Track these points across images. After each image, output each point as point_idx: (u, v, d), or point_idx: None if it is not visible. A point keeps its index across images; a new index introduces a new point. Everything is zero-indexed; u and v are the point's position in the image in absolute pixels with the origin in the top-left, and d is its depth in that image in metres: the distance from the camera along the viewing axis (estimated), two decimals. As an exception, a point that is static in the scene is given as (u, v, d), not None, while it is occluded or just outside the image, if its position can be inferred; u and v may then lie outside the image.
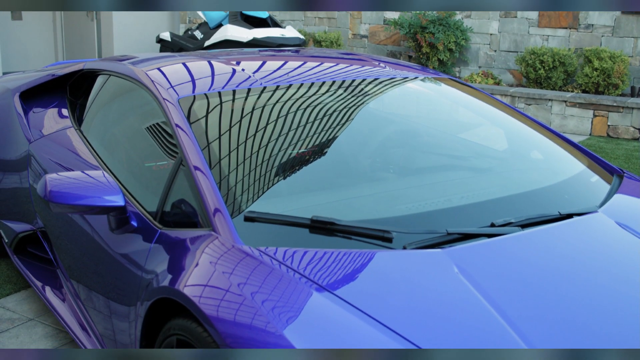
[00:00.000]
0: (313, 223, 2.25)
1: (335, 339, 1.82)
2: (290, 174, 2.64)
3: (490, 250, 2.21)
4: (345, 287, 2.01)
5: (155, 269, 2.33)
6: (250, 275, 2.06)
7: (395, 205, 2.51)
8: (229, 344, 1.88)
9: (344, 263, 2.12)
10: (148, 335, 2.37)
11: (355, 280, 2.06)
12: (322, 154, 2.80)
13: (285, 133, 2.79)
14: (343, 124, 2.95)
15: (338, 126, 2.93)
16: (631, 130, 8.20)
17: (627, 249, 2.35)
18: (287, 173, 2.64)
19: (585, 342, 1.87)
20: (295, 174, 2.66)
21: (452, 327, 1.89)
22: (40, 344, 3.33)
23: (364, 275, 2.09)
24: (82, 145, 3.29)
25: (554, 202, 2.59)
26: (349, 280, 2.05)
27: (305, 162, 2.72)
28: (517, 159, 3.16)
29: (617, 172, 2.99)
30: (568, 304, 2.02)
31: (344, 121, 2.96)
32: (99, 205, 2.45)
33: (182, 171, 2.52)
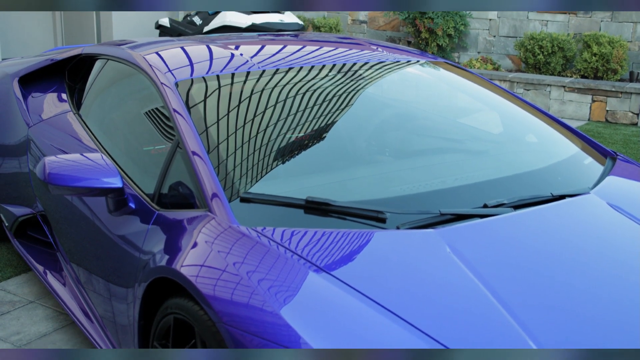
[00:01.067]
0: (308, 204, 2.28)
1: (330, 318, 1.86)
2: (286, 157, 2.67)
3: (482, 230, 2.24)
4: (339, 266, 2.05)
5: (153, 249, 2.37)
6: (246, 255, 2.09)
7: (390, 186, 2.54)
8: (225, 322, 1.92)
9: (338, 243, 2.16)
10: (146, 315, 2.41)
11: (349, 260, 2.09)
12: (319, 137, 2.83)
13: (281, 116, 2.82)
14: (340, 108, 2.97)
15: (335, 110, 2.95)
16: (629, 115, 8.22)
17: (618, 229, 2.39)
18: (284, 156, 2.67)
19: (575, 322, 1.91)
20: (292, 157, 2.69)
21: (444, 304, 1.92)
22: (41, 325, 3.37)
23: (358, 255, 2.12)
24: (81, 129, 3.32)
25: (546, 184, 2.62)
26: (343, 260, 2.09)
27: (302, 146, 2.75)
28: (511, 142, 3.19)
29: (611, 155, 3.02)
30: (558, 284, 2.05)
31: (341, 105, 2.99)
32: (97, 187, 2.49)
33: (179, 154, 2.55)
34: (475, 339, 1.81)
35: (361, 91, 3.12)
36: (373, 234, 2.19)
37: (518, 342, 1.81)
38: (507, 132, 3.27)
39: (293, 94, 2.91)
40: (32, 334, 3.30)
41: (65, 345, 3.19)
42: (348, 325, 1.84)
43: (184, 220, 2.36)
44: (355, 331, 1.82)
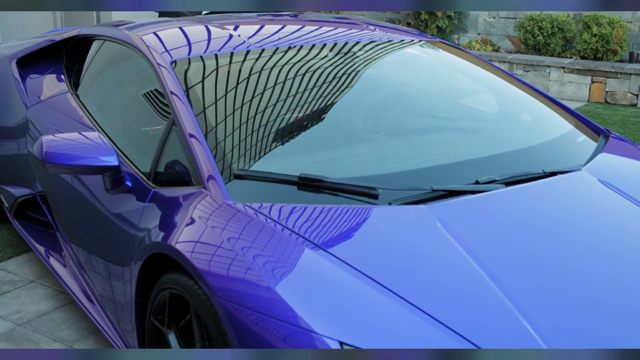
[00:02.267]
0: (301, 180, 2.31)
1: (324, 293, 1.88)
2: (281, 136, 2.69)
3: (473, 206, 2.27)
4: (332, 241, 2.07)
5: (149, 226, 2.40)
6: (242, 232, 2.12)
7: (383, 164, 2.56)
8: (219, 296, 1.95)
9: (331, 219, 2.18)
10: (143, 291, 2.44)
11: (343, 236, 2.12)
12: (315, 116, 2.85)
13: (277, 96, 2.84)
14: (336, 87, 2.99)
15: (331, 89, 2.97)
16: (629, 96, 8.22)
17: (608, 205, 2.41)
18: (279, 135, 2.69)
19: (563, 298, 1.93)
20: (287, 136, 2.71)
21: (434, 279, 1.95)
22: (41, 304, 3.41)
23: (351, 231, 2.15)
24: (79, 110, 3.35)
25: (539, 161, 2.64)
26: (336, 236, 2.11)
27: (298, 125, 2.77)
28: (506, 121, 3.20)
29: (604, 133, 3.04)
30: (543, 258, 2.08)
31: (337, 84, 3.01)
32: (93, 165, 2.52)
33: (175, 132, 2.58)
34: (462, 311, 1.84)
35: (357, 71, 3.13)
36: (365, 210, 2.22)
37: (506, 314, 1.84)
38: (502, 111, 3.29)
39: (289, 74, 2.93)
40: (33, 312, 3.35)
41: (65, 324, 3.23)
42: (342, 300, 1.86)
43: (180, 197, 2.39)
44: (349, 306, 1.85)
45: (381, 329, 1.78)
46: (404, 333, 1.77)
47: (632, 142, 3.02)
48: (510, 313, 1.85)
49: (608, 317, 1.88)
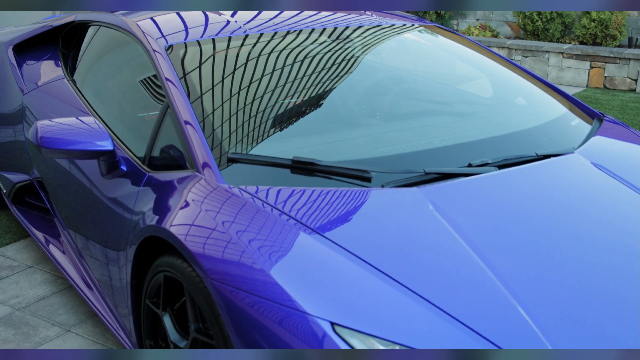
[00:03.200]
0: (294, 163, 2.32)
1: (318, 276, 1.90)
2: (276, 120, 2.70)
3: (465, 188, 2.28)
4: (326, 224, 2.08)
5: (143, 209, 2.41)
6: (236, 215, 2.13)
7: (376, 147, 2.57)
8: (212, 278, 1.96)
9: (324, 201, 2.20)
10: (138, 275, 2.46)
11: (334, 218, 2.13)
12: (310, 101, 2.86)
13: (272, 80, 2.84)
14: (332, 72, 3.00)
15: (326, 74, 2.98)
16: (628, 81, 8.21)
17: (601, 188, 2.42)
18: (273, 119, 2.70)
19: (552, 277, 1.95)
20: (281, 121, 2.72)
21: (425, 261, 1.96)
22: (39, 289, 3.44)
23: (343, 214, 2.16)
24: (74, 96, 3.35)
25: (532, 144, 2.65)
26: (328, 218, 2.12)
27: (292, 109, 2.78)
28: (500, 105, 3.21)
29: (598, 116, 3.04)
30: (535, 239, 2.09)
31: (333, 69, 3.01)
32: (88, 150, 2.53)
33: (169, 117, 2.58)
34: (453, 293, 1.86)
35: (354, 56, 3.14)
36: (358, 193, 2.23)
37: (497, 295, 1.85)
38: (497, 95, 3.30)
39: (285, 59, 2.94)
40: (31, 297, 3.37)
41: (63, 308, 3.26)
42: (334, 282, 1.88)
43: (174, 181, 2.40)
44: (340, 287, 1.86)
45: (373, 309, 1.80)
46: (395, 314, 1.79)
47: (625, 125, 3.03)
48: (500, 294, 1.86)
49: (599, 300, 1.89)
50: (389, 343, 1.71)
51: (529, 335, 1.76)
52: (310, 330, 1.75)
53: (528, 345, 1.73)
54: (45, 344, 2.96)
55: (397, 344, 1.71)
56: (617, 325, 1.82)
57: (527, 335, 1.76)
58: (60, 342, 2.97)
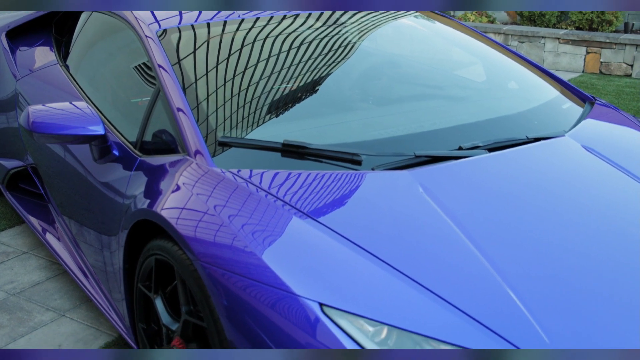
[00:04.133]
0: (284, 147, 2.33)
1: (304, 256, 1.91)
2: (268, 105, 2.70)
3: (455, 171, 2.29)
4: (313, 207, 2.09)
5: (135, 193, 2.42)
6: (227, 199, 2.14)
7: (368, 131, 2.58)
8: (203, 261, 1.97)
9: (314, 184, 2.20)
10: (131, 259, 2.47)
11: (324, 201, 2.13)
12: (303, 85, 2.86)
13: (265, 65, 2.84)
14: (326, 57, 3.00)
15: (321, 59, 2.98)
16: (624, 66, 8.20)
17: (589, 170, 2.43)
18: (265, 104, 2.70)
19: (541, 257, 1.96)
20: (274, 105, 2.72)
21: (414, 243, 1.97)
22: (34, 275, 3.45)
23: (333, 197, 2.17)
24: (67, 82, 3.35)
25: (523, 127, 2.66)
26: (318, 201, 2.13)
27: (285, 94, 2.78)
28: (493, 89, 3.21)
29: (589, 100, 3.05)
30: (524, 220, 2.10)
31: (328, 54, 3.01)
32: (79, 134, 2.54)
33: (161, 100, 2.59)
34: (441, 273, 1.87)
35: (349, 41, 3.14)
36: (348, 176, 2.24)
37: (485, 276, 1.87)
38: (490, 80, 3.30)
39: (281, 44, 2.94)
40: (26, 282, 3.38)
41: (58, 293, 3.27)
42: (323, 263, 1.88)
43: (166, 164, 2.41)
44: (330, 269, 1.87)
45: (361, 291, 1.81)
46: (384, 295, 1.80)
47: (616, 109, 3.03)
48: (489, 275, 1.87)
49: (588, 280, 1.90)
50: (376, 323, 1.72)
51: (518, 316, 1.77)
52: (299, 311, 1.76)
53: (514, 324, 1.74)
54: (39, 329, 2.98)
55: (385, 325, 1.72)
56: (607, 306, 1.83)
57: (515, 316, 1.77)
58: (54, 327, 2.99)
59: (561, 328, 1.75)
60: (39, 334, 2.94)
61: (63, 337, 2.91)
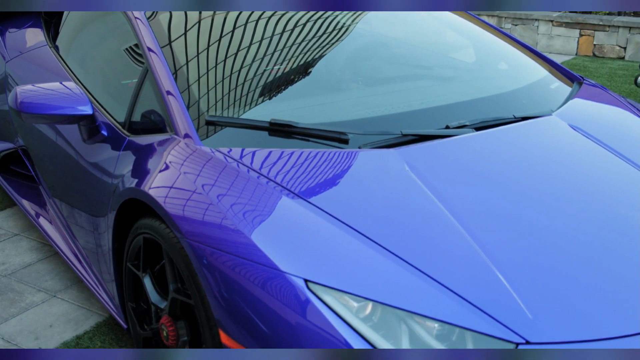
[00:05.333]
0: (272, 126, 2.33)
1: (289, 233, 1.92)
2: (256, 86, 2.70)
3: (441, 149, 2.30)
4: (300, 185, 2.09)
5: (123, 172, 2.43)
6: (216, 178, 2.14)
7: (356, 110, 2.58)
8: (189, 239, 1.98)
9: (301, 163, 2.21)
10: (120, 239, 2.48)
11: (311, 179, 2.14)
12: (293, 67, 2.85)
13: (254, 46, 2.84)
14: (314, 38, 2.99)
15: (309, 40, 2.97)
16: (617, 49, 8.20)
17: (575, 149, 2.44)
18: (254, 84, 2.70)
19: (525, 234, 1.97)
20: (262, 86, 2.72)
21: (398, 220, 1.98)
22: (25, 256, 3.46)
23: (319, 175, 2.17)
24: (57, 63, 3.35)
25: (511, 107, 2.67)
26: (304, 179, 2.13)
27: (275, 76, 2.78)
28: (482, 69, 3.22)
29: (578, 79, 3.06)
30: (509, 197, 2.11)
31: (316, 35, 3.01)
32: (67, 114, 2.54)
33: (149, 80, 2.58)
34: (425, 249, 1.88)
35: (339, 22, 3.13)
36: (334, 154, 2.25)
37: (468, 250, 1.88)
38: (479, 60, 3.30)
39: (274, 25, 2.93)
40: (17, 264, 3.39)
41: (49, 274, 3.28)
42: (308, 240, 1.89)
43: (154, 144, 2.41)
44: (315, 246, 1.87)
45: (347, 267, 1.82)
46: (369, 271, 1.81)
47: (604, 88, 3.04)
48: (473, 252, 1.88)
49: (571, 258, 1.92)
50: (361, 299, 1.74)
51: (502, 292, 1.78)
52: (284, 287, 1.77)
53: (498, 301, 1.76)
54: (30, 309, 2.99)
55: (370, 300, 1.74)
56: (592, 282, 1.85)
57: (499, 293, 1.78)
58: (46, 308, 3.00)
59: (544, 304, 1.76)
60: (30, 314, 2.96)
61: (54, 318, 2.93)
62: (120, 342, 2.74)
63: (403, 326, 1.71)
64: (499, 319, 1.72)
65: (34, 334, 2.82)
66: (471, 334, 1.70)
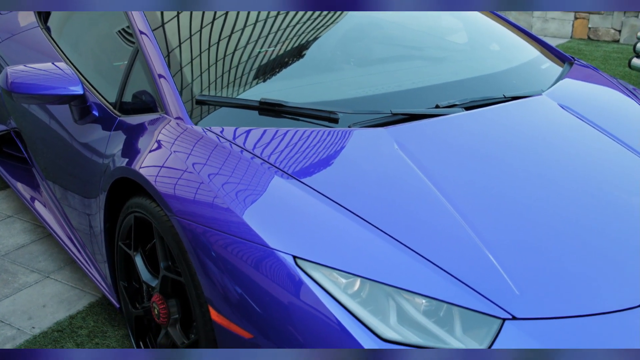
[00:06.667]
0: (262, 105, 2.34)
1: (278, 210, 1.92)
2: (247, 67, 2.70)
3: (431, 128, 2.31)
4: (289, 163, 2.09)
5: (114, 152, 2.43)
6: (208, 157, 2.15)
7: (347, 90, 2.58)
8: (179, 217, 1.99)
9: (290, 142, 2.21)
10: (112, 218, 2.49)
11: (300, 158, 2.14)
12: (284, 50, 2.85)
13: (245, 28, 2.84)
14: (307, 20, 2.99)
15: (301, 22, 2.97)
16: (612, 32, 8.20)
17: (565, 128, 2.45)
18: (244, 65, 2.70)
19: (515, 211, 1.99)
20: (252, 67, 2.72)
21: (387, 197, 1.99)
22: (19, 238, 3.47)
23: (309, 154, 2.17)
24: (48, 44, 3.34)
25: (501, 87, 2.67)
26: (293, 157, 2.13)
27: (266, 58, 2.78)
28: (473, 50, 3.22)
29: (569, 60, 3.06)
30: (497, 175, 2.13)
31: (308, 17, 3.00)
32: (57, 94, 2.54)
33: (140, 62, 2.58)
34: (412, 225, 1.89)
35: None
36: (324, 133, 2.25)
37: (455, 227, 1.89)
38: (472, 41, 3.30)
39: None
40: (10, 245, 3.40)
41: (42, 255, 3.29)
42: (297, 217, 1.89)
43: (145, 123, 2.42)
44: (304, 223, 1.88)
45: (335, 244, 1.82)
46: (358, 248, 1.81)
47: (595, 69, 3.05)
48: (461, 228, 1.89)
49: (557, 234, 1.93)
50: (349, 275, 1.75)
51: (489, 269, 1.80)
52: (273, 264, 1.79)
53: (485, 277, 1.77)
54: (24, 290, 3.00)
55: (358, 276, 1.75)
56: (577, 258, 1.86)
57: (486, 269, 1.80)
58: (39, 288, 3.02)
59: (531, 280, 1.78)
60: (23, 294, 2.97)
61: (47, 298, 2.94)
62: (113, 321, 2.76)
63: (391, 302, 1.72)
64: (486, 295, 1.74)
65: (27, 313, 2.83)
66: (458, 309, 1.71)
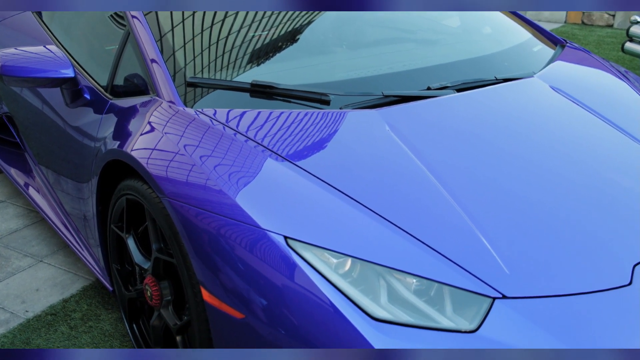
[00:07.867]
0: (253, 87, 2.34)
1: (269, 191, 1.93)
2: (239, 50, 2.69)
3: (422, 110, 2.31)
4: (280, 144, 2.09)
5: (105, 135, 2.43)
6: (201, 139, 2.15)
7: (338, 72, 2.58)
8: (171, 199, 2.00)
9: (282, 123, 2.21)
10: (104, 201, 2.50)
11: (291, 139, 2.14)
12: (277, 34, 2.84)
13: (237, 11, 2.83)
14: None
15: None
16: (606, 17, 8.20)
17: (556, 109, 2.46)
18: (236, 48, 2.69)
19: (504, 190, 2.00)
20: (245, 50, 2.71)
21: (378, 178, 1.99)
22: (12, 223, 3.47)
23: (299, 135, 2.17)
24: (40, 29, 3.33)
25: (493, 69, 2.67)
26: (284, 139, 2.13)
27: (259, 42, 2.77)
28: (466, 33, 3.22)
29: (561, 42, 3.06)
30: (487, 156, 2.13)
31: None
32: (49, 77, 2.54)
33: (131, 44, 2.58)
34: (403, 205, 1.90)
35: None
36: (315, 114, 2.25)
37: (446, 207, 1.90)
38: (464, 24, 3.30)
39: None
40: (3, 230, 3.40)
41: (35, 240, 3.30)
42: (288, 198, 1.90)
43: (136, 105, 2.42)
44: (295, 204, 1.89)
45: (326, 224, 1.83)
46: (349, 228, 1.82)
47: (587, 51, 3.05)
48: (452, 209, 1.90)
49: (548, 216, 1.94)
50: (340, 255, 1.76)
51: (479, 248, 1.81)
52: (265, 244, 1.79)
53: (476, 257, 1.78)
54: (17, 274, 3.01)
55: (349, 256, 1.76)
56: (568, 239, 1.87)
57: (477, 248, 1.81)
58: (32, 272, 3.02)
59: (521, 260, 1.79)
60: (16, 279, 2.98)
61: (41, 282, 2.95)
62: (106, 304, 2.76)
63: (382, 281, 1.73)
64: (476, 274, 1.75)
65: (20, 297, 2.84)
66: (448, 288, 1.73)
